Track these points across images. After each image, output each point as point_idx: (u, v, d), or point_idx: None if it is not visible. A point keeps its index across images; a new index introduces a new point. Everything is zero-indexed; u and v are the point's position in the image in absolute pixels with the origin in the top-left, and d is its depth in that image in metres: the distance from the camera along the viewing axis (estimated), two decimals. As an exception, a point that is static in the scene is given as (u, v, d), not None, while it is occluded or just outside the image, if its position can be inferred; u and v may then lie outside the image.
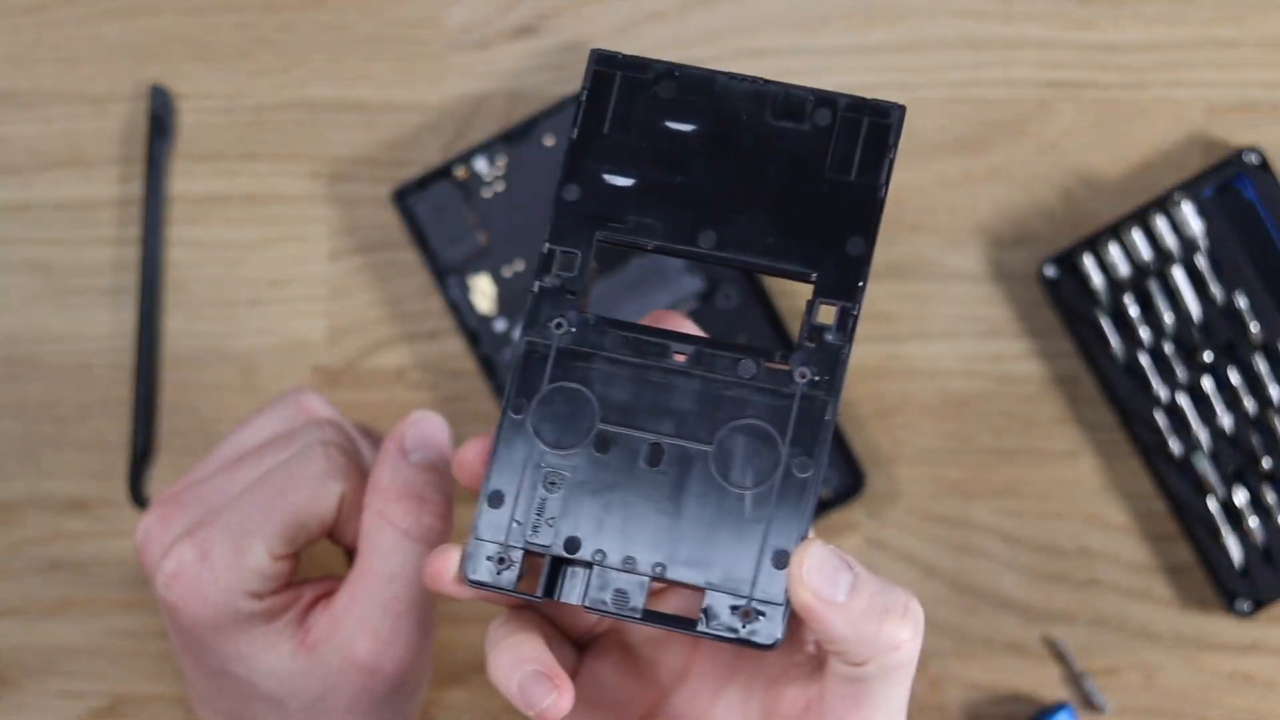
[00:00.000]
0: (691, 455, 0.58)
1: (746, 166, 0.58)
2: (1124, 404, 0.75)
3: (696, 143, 0.59)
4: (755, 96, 0.59)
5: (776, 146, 0.58)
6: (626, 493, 0.58)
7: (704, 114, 0.59)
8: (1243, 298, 0.75)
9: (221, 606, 0.64)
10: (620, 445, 0.58)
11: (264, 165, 0.78)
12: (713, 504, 0.58)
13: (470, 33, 0.78)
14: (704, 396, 0.58)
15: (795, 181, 0.58)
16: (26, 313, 0.78)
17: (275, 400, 0.69)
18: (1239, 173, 0.75)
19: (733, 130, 0.59)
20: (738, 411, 0.58)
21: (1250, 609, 0.75)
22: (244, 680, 0.65)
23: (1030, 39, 0.77)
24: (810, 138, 0.59)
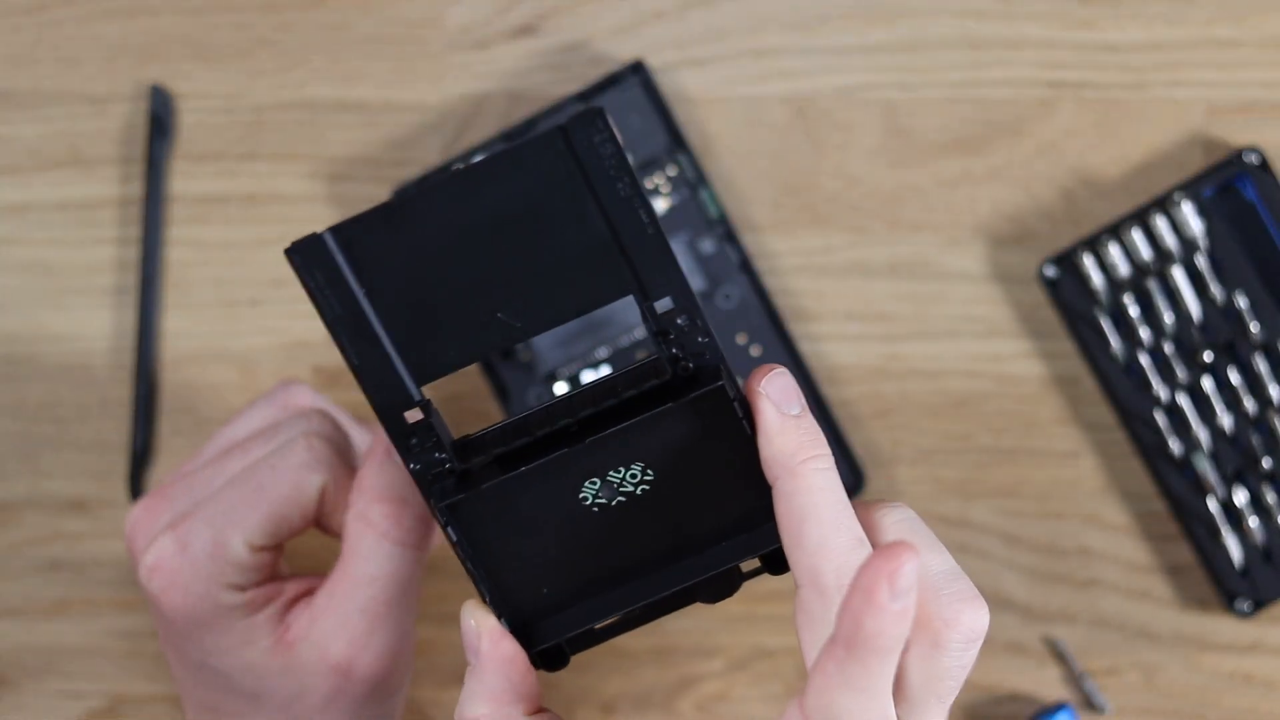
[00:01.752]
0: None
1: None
2: (1124, 404, 0.75)
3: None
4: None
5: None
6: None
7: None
8: (1243, 298, 0.75)
9: (201, 597, 0.64)
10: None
11: (264, 165, 0.78)
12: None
13: (470, 32, 0.78)
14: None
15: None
16: (26, 312, 0.78)
17: (266, 392, 0.69)
18: (1239, 173, 0.75)
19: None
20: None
21: (1250, 609, 0.75)
22: (223, 674, 0.65)
23: (1030, 39, 0.77)
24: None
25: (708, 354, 0.59)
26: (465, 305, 0.59)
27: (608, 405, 0.59)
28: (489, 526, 0.59)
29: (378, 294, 0.58)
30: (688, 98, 0.77)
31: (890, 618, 0.53)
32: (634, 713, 0.76)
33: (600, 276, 0.58)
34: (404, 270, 0.58)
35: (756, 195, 0.77)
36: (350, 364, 0.58)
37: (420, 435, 0.59)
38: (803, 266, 0.77)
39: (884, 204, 0.77)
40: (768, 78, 0.77)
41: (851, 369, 0.77)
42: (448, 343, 0.59)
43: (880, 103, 0.77)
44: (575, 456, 0.59)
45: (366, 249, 0.58)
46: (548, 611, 0.60)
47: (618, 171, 0.58)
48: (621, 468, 0.59)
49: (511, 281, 0.59)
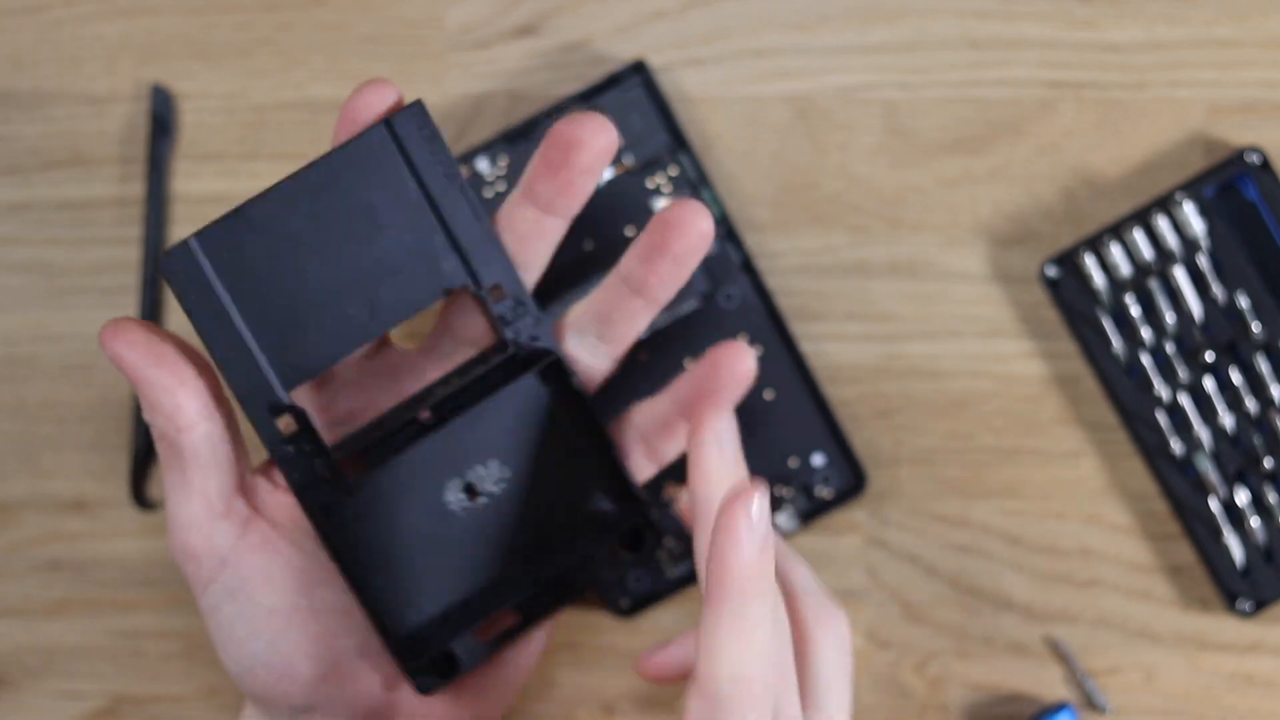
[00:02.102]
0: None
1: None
2: (1125, 404, 0.75)
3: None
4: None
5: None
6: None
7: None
8: (1244, 297, 0.75)
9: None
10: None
11: (265, 165, 0.78)
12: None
13: (471, 32, 0.78)
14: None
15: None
16: (27, 312, 0.78)
17: None
18: (1240, 172, 0.75)
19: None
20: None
21: (1252, 609, 0.75)
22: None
23: (1031, 39, 0.77)
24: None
25: (541, 333, 0.60)
26: (320, 306, 0.60)
27: (457, 390, 0.60)
28: (362, 529, 0.61)
29: (243, 298, 0.60)
30: (688, 98, 0.77)
31: (751, 548, 0.55)
32: (635, 713, 0.76)
33: (436, 268, 0.60)
34: (263, 275, 0.60)
35: (757, 195, 0.77)
36: (221, 371, 0.59)
37: (295, 443, 0.60)
38: (803, 266, 0.77)
39: (884, 204, 0.77)
40: (768, 78, 0.77)
41: (852, 369, 0.77)
42: (310, 345, 0.60)
43: (881, 103, 0.77)
44: (428, 450, 0.60)
45: (230, 253, 0.60)
46: (431, 619, 0.61)
47: (441, 164, 0.59)
48: (479, 465, 0.60)
49: (358, 279, 0.60)
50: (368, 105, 0.62)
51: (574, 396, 0.60)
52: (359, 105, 0.62)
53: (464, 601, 0.61)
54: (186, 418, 0.61)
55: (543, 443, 0.60)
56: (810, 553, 0.76)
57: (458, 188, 0.59)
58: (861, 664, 0.76)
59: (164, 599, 0.77)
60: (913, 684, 0.76)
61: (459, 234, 0.60)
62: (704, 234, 0.64)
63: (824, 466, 0.76)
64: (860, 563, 0.76)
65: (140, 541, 0.77)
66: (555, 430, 0.60)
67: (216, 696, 0.77)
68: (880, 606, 0.76)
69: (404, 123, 0.59)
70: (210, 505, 0.62)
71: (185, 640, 0.77)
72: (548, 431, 0.60)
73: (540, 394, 0.60)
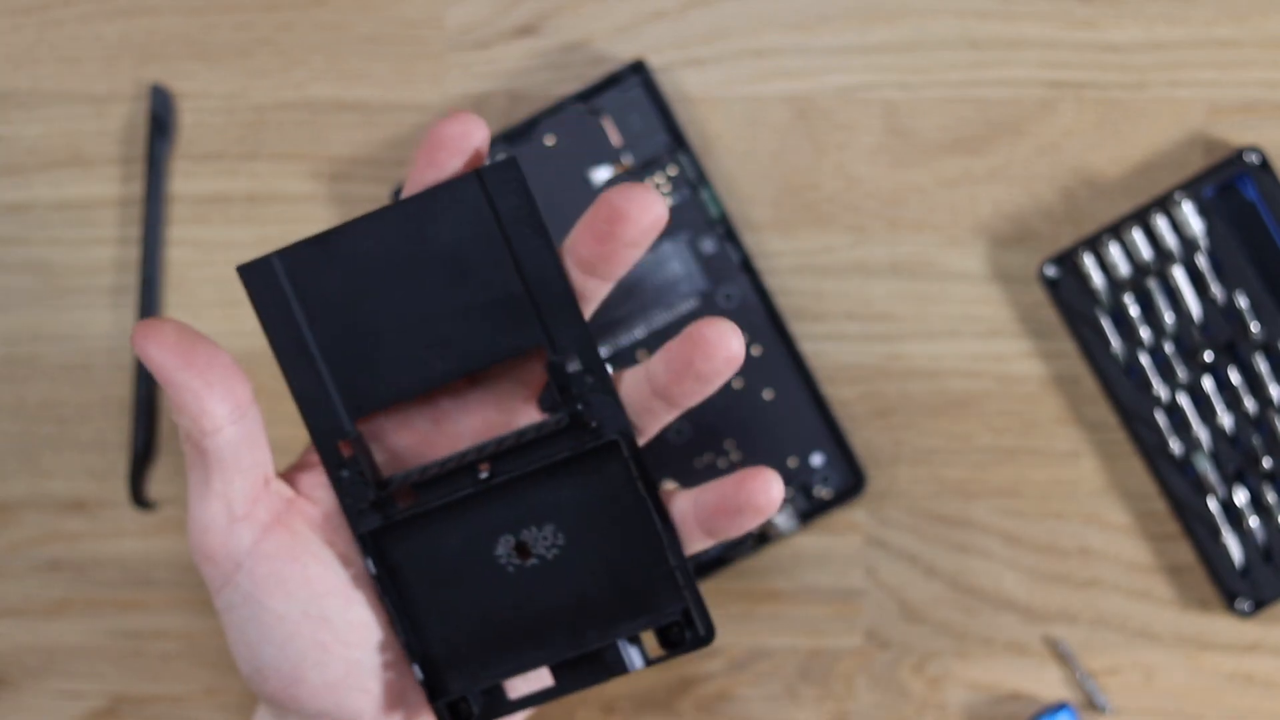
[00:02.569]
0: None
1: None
2: (1124, 404, 0.75)
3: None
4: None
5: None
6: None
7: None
8: (1243, 297, 0.75)
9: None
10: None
11: (264, 165, 0.78)
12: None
13: (471, 32, 0.78)
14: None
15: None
16: (27, 312, 0.78)
17: None
18: (1240, 172, 0.75)
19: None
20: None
21: (1251, 609, 0.75)
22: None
23: (1031, 39, 0.77)
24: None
25: (609, 412, 0.60)
26: (395, 341, 0.60)
27: (514, 452, 0.60)
28: (408, 565, 0.61)
29: (318, 323, 0.60)
30: (688, 98, 0.77)
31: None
32: (634, 713, 0.77)
33: (515, 325, 0.60)
34: (341, 302, 0.60)
35: (757, 195, 0.77)
36: (291, 390, 0.60)
37: (350, 468, 0.60)
38: (803, 266, 0.77)
39: (884, 204, 0.77)
40: (768, 78, 0.77)
41: (852, 369, 0.77)
42: (379, 378, 0.60)
43: (880, 103, 0.77)
44: (485, 502, 0.60)
45: (309, 277, 0.60)
46: (458, 662, 0.61)
47: (529, 224, 0.59)
48: (534, 526, 0.61)
49: (435, 321, 0.60)
50: (455, 136, 0.61)
51: (637, 478, 0.60)
52: (445, 134, 0.61)
53: (500, 653, 0.62)
54: (212, 422, 0.61)
55: (601, 516, 0.60)
56: (809, 552, 0.77)
57: (545, 248, 0.59)
58: (861, 663, 0.76)
59: (164, 599, 0.77)
60: (912, 684, 0.76)
61: (541, 295, 0.59)
62: (731, 358, 0.61)
63: (823, 466, 0.76)
64: (859, 562, 0.77)
65: (140, 541, 0.77)
66: (615, 507, 0.60)
67: (216, 696, 0.77)
68: (879, 606, 0.76)
69: (496, 177, 0.59)
70: (230, 509, 0.62)
71: (185, 640, 0.77)
72: (608, 506, 0.60)
73: (605, 470, 0.60)
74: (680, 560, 0.61)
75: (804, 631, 0.77)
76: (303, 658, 0.63)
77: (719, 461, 0.76)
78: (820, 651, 0.77)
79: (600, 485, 0.60)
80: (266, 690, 0.64)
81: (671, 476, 0.75)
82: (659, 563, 0.60)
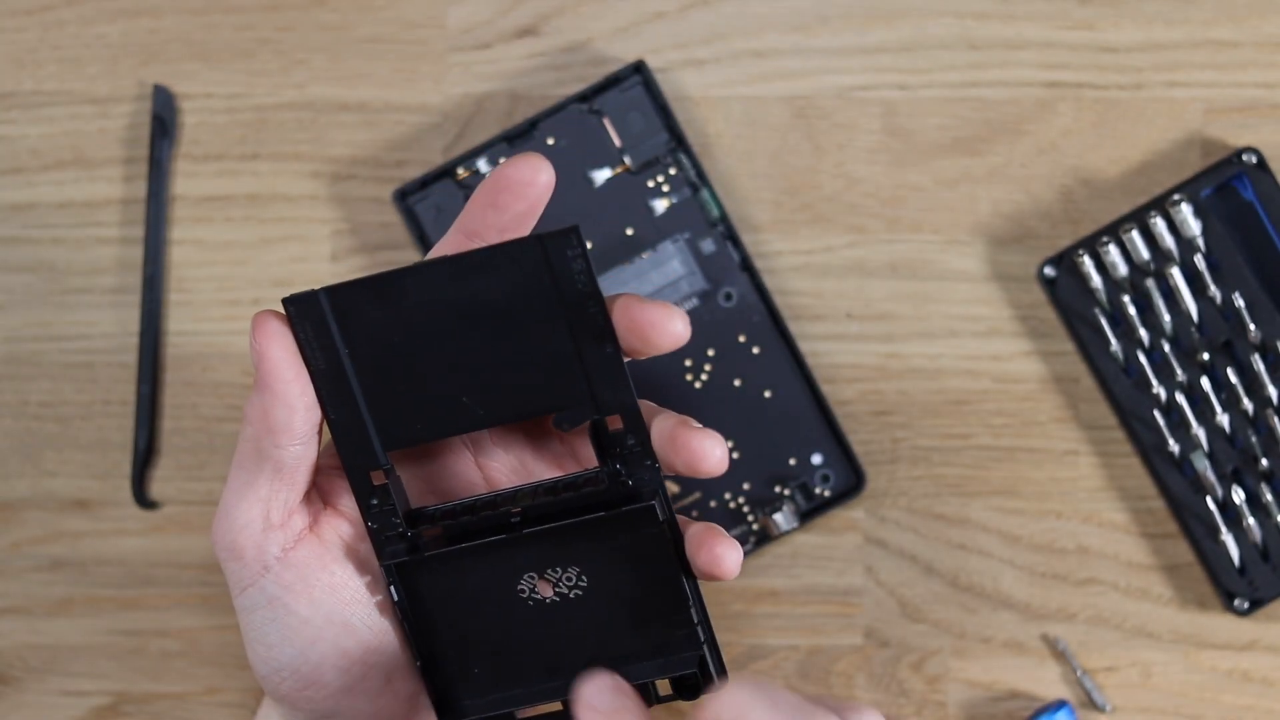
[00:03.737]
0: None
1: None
2: (1122, 403, 0.75)
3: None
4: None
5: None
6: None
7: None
8: (1240, 298, 0.75)
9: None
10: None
11: (266, 165, 0.78)
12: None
13: (471, 33, 0.78)
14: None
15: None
16: (30, 312, 0.78)
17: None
18: (1237, 173, 0.75)
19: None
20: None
21: (1248, 607, 0.75)
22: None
23: (1030, 39, 0.77)
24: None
25: (647, 475, 0.60)
26: (436, 384, 0.61)
27: (546, 501, 0.61)
28: (430, 595, 0.62)
29: (360, 358, 0.61)
30: (688, 98, 0.77)
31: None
32: (634, 711, 0.77)
33: (560, 383, 0.60)
34: (386, 341, 0.61)
35: (756, 195, 0.77)
36: (327, 418, 0.60)
37: (380, 497, 0.61)
38: (803, 266, 0.77)
39: (884, 204, 0.77)
40: (768, 78, 0.77)
41: (851, 369, 0.77)
42: (416, 416, 0.61)
43: (880, 103, 0.77)
44: (513, 545, 0.61)
45: (355, 314, 0.60)
46: (469, 689, 0.62)
47: (585, 289, 0.60)
48: (559, 568, 0.61)
49: (480, 370, 0.61)
50: (521, 182, 0.61)
51: (666, 538, 0.61)
52: (511, 178, 0.61)
53: (514, 683, 0.62)
54: (293, 436, 0.61)
55: (627, 567, 0.61)
56: (809, 551, 0.77)
57: (598, 313, 0.60)
58: (860, 662, 0.77)
59: (165, 598, 0.78)
60: (911, 682, 0.76)
61: (589, 356, 0.60)
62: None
63: (822, 465, 0.76)
64: (859, 561, 0.77)
65: (142, 540, 0.77)
66: (643, 562, 0.61)
67: (217, 694, 0.77)
68: (879, 605, 0.77)
69: (557, 244, 0.59)
70: (268, 515, 0.62)
71: (187, 639, 0.77)
72: (635, 560, 0.61)
73: (637, 529, 0.61)
74: (703, 615, 0.62)
75: (803, 630, 0.77)
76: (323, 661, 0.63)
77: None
78: (819, 650, 0.77)
79: (630, 542, 0.61)
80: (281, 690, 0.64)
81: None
82: (681, 616, 0.61)
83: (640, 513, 0.61)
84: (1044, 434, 0.77)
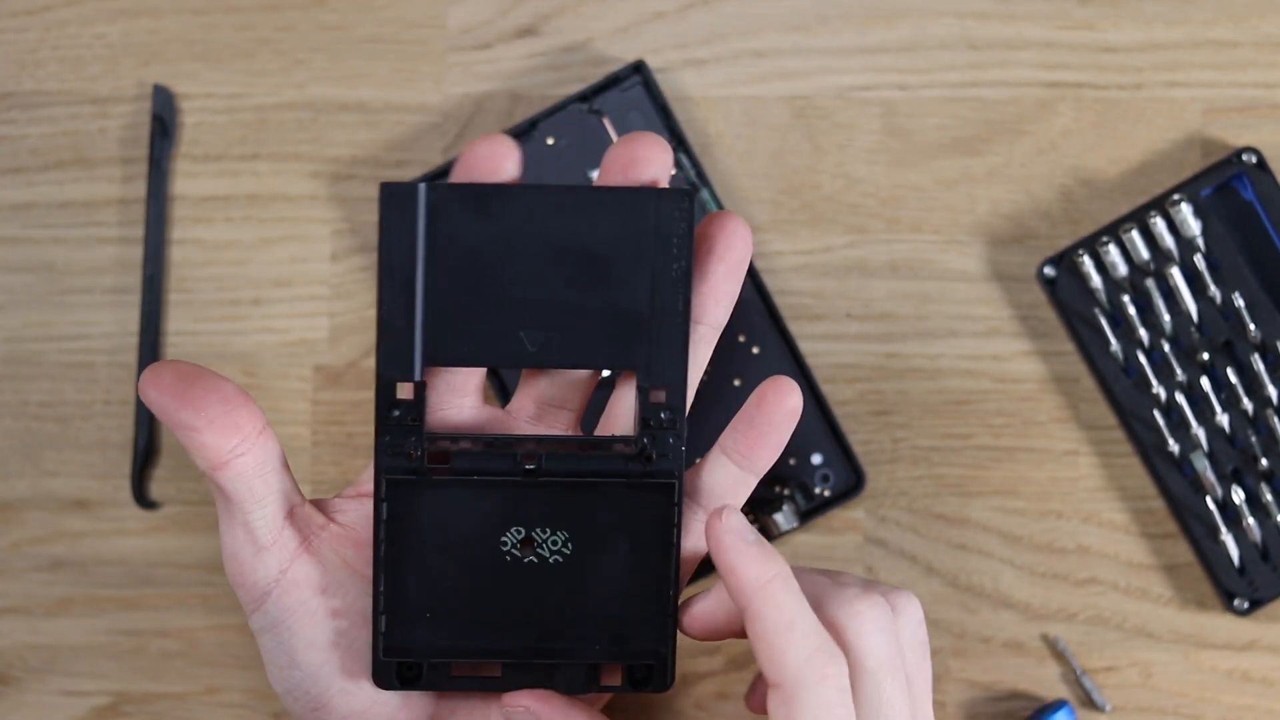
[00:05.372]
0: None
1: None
2: (1122, 403, 0.75)
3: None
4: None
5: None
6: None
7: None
8: (1240, 298, 0.75)
9: None
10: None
11: (266, 165, 0.78)
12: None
13: (471, 33, 0.78)
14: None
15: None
16: (30, 312, 0.78)
17: None
18: (1237, 173, 0.75)
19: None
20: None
21: (1248, 607, 0.75)
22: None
23: (1030, 39, 0.77)
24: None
25: (673, 452, 0.60)
26: (499, 311, 0.60)
27: (569, 455, 0.60)
28: (415, 522, 0.61)
29: (433, 264, 0.59)
30: (688, 98, 0.77)
31: (742, 544, 0.58)
32: (634, 711, 0.77)
33: (621, 342, 0.60)
34: (466, 255, 0.59)
35: (756, 195, 0.77)
36: (379, 314, 0.59)
37: (402, 411, 0.60)
38: (803, 266, 0.77)
39: (884, 204, 0.77)
40: (768, 78, 0.77)
41: (851, 369, 0.77)
42: (467, 338, 0.60)
43: (880, 103, 0.77)
44: (516, 491, 0.60)
45: (446, 219, 0.59)
46: (423, 629, 0.61)
47: (682, 257, 0.59)
48: (550, 528, 0.61)
49: (548, 309, 0.60)
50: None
51: (669, 523, 0.60)
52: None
53: (465, 634, 0.62)
54: (217, 456, 0.61)
55: (619, 544, 0.61)
56: (809, 551, 0.77)
57: (683, 286, 0.59)
58: (860, 662, 0.77)
59: (165, 598, 0.78)
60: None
61: (659, 325, 0.60)
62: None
63: (822, 465, 0.76)
64: (859, 561, 0.77)
65: (142, 540, 0.78)
66: (638, 541, 0.61)
67: (217, 694, 0.77)
68: (879, 605, 0.77)
69: (671, 203, 0.59)
70: (254, 539, 0.62)
71: (187, 639, 0.78)
72: (631, 538, 0.61)
73: (647, 505, 0.60)
74: (674, 612, 0.61)
75: (803, 630, 0.77)
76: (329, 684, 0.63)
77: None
78: (819, 650, 0.77)
79: (634, 517, 0.60)
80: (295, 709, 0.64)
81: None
82: (655, 606, 0.60)
83: (658, 488, 0.60)
84: (1044, 434, 0.77)
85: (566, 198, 0.59)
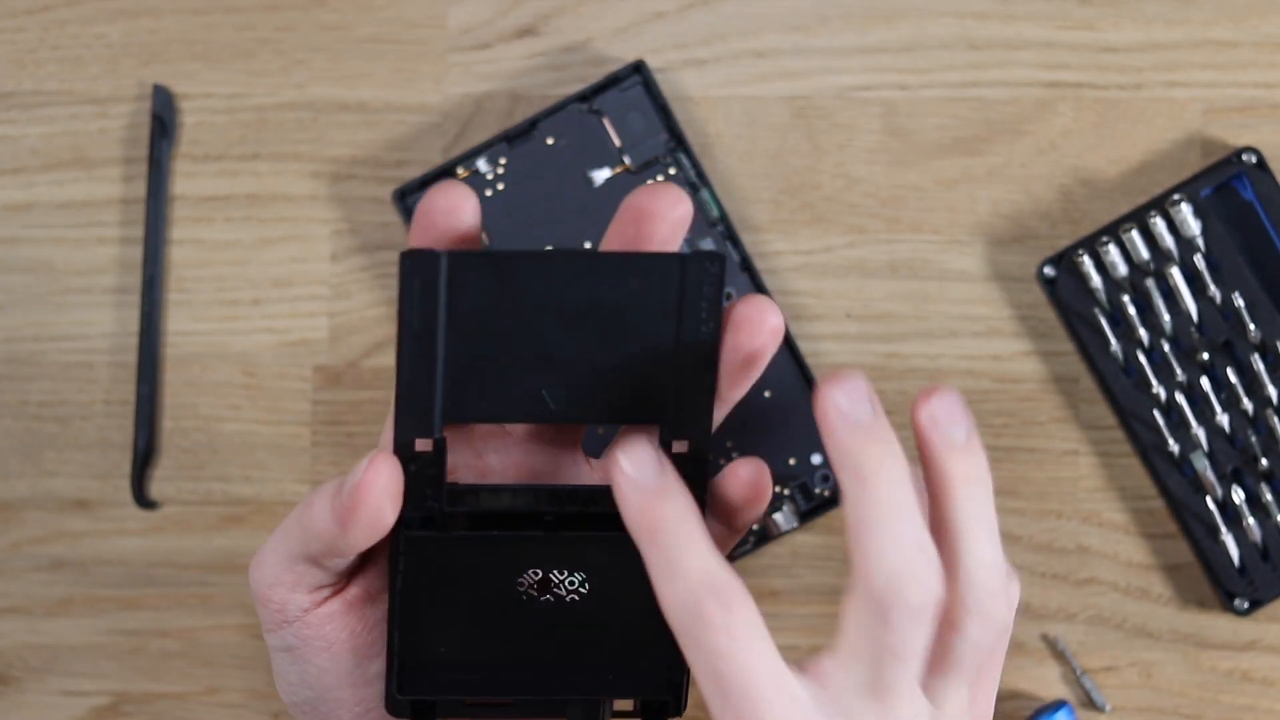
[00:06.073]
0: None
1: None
2: (1122, 403, 0.75)
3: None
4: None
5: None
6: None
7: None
8: (1240, 298, 0.75)
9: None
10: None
11: (265, 165, 0.78)
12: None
13: (471, 33, 0.78)
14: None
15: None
16: (29, 312, 0.78)
17: None
18: (1237, 173, 0.75)
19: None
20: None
21: (1248, 607, 0.75)
22: None
23: (1030, 39, 0.77)
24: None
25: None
26: (521, 370, 0.60)
27: (581, 506, 0.60)
28: (433, 571, 0.61)
29: (455, 327, 0.60)
30: (688, 98, 0.77)
31: (854, 417, 0.55)
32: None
33: (643, 398, 0.60)
34: (488, 317, 0.60)
35: (756, 195, 0.77)
36: (399, 377, 0.59)
37: (420, 465, 0.60)
38: (802, 266, 0.77)
39: (883, 204, 0.77)
40: (768, 78, 0.77)
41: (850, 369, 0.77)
42: (488, 396, 0.60)
43: (880, 103, 0.77)
44: (539, 542, 0.60)
45: (467, 284, 0.59)
46: (436, 666, 0.62)
47: (708, 320, 0.59)
48: (566, 570, 0.61)
49: (569, 368, 0.60)
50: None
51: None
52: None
53: (480, 671, 0.62)
54: (344, 559, 0.61)
55: (635, 587, 0.61)
56: (809, 551, 0.77)
57: (709, 348, 0.59)
58: (860, 662, 0.77)
59: (165, 598, 0.78)
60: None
61: (684, 384, 0.60)
62: (775, 329, 0.61)
63: (822, 465, 0.76)
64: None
65: (142, 540, 0.78)
66: (649, 586, 0.61)
67: (217, 694, 0.78)
68: (879, 605, 0.77)
69: (697, 267, 0.59)
70: (300, 581, 0.62)
71: (187, 639, 0.78)
72: (643, 583, 0.61)
73: None
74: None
75: (803, 630, 0.77)
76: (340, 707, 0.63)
77: (719, 460, 0.76)
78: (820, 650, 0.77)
79: (645, 566, 0.61)
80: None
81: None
82: (670, 647, 0.61)
83: None
84: (1044, 434, 0.77)
85: (587, 264, 0.60)
